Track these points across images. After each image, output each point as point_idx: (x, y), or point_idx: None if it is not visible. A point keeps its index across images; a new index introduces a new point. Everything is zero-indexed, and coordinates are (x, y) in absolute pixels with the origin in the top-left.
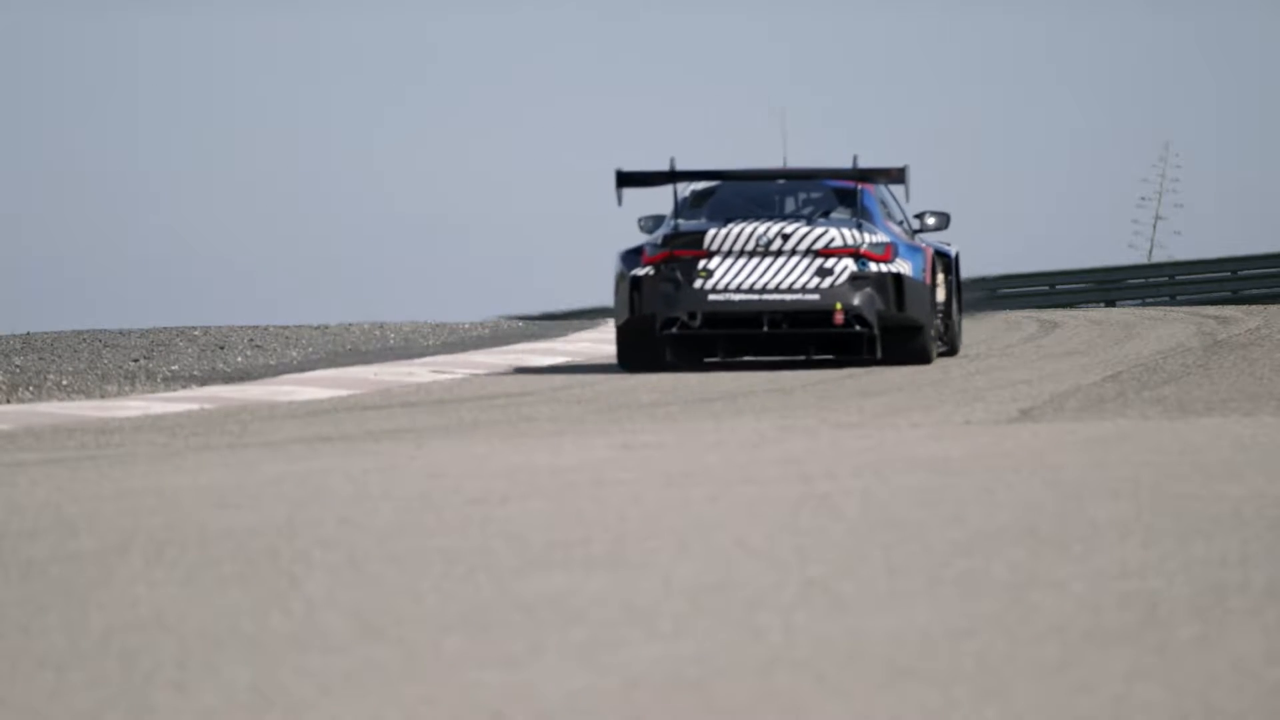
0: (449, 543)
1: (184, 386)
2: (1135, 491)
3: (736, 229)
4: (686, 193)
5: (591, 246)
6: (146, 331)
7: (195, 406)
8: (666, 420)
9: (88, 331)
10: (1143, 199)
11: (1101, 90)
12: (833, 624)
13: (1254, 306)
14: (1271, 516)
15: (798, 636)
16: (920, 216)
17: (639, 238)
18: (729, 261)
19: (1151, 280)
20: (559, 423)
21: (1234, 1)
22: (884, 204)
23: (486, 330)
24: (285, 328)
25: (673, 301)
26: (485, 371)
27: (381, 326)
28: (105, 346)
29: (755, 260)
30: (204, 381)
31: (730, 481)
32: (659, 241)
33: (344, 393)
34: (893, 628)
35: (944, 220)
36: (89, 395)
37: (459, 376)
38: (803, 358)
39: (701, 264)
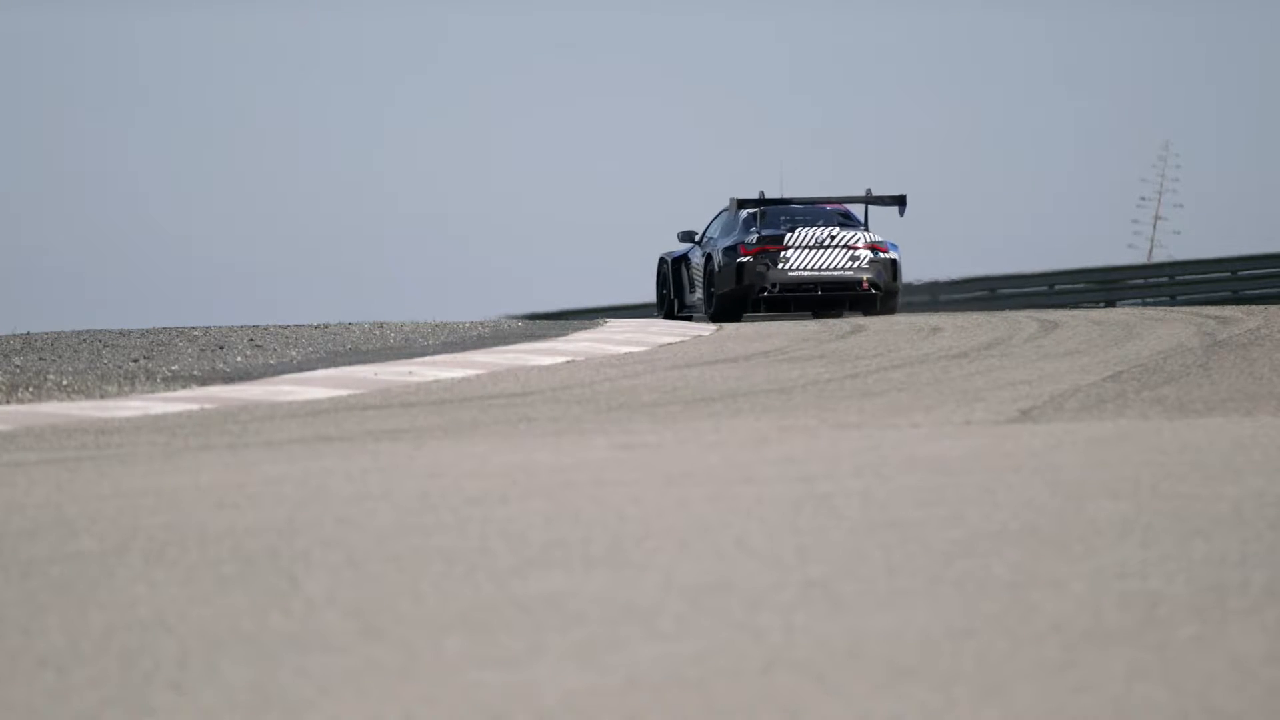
0: (449, 543)
1: (184, 386)
2: (1135, 491)
3: (801, 232)
4: (742, 212)
5: (592, 247)
6: (146, 331)
7: (195, 406)
8: (666, 420)
9: (88, 331)
10: (1143, 199)
11: (1101, 90)
12: (833, 624)
13: (1254, 306)
14: (1271, 516)
15: (798, 636)
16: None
17: (664, 245)
18: (797, 253)
19: (1151, 280)
20: (559, 423)
21: (1234, 1)
22: (865, 218)
23: (487, 330)
24: (285, 328)
25: (764, 277)
26: (485, 371)
27: (381, 326)
28: (105, 346)
29: (813, 252)
30: (204, 381)
31: (730, 481)
32: (753, 241)
33: (344, 393)
34: (893, 628)
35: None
36: (89, 395)
37: (459, 376)
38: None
39: (781, 254)
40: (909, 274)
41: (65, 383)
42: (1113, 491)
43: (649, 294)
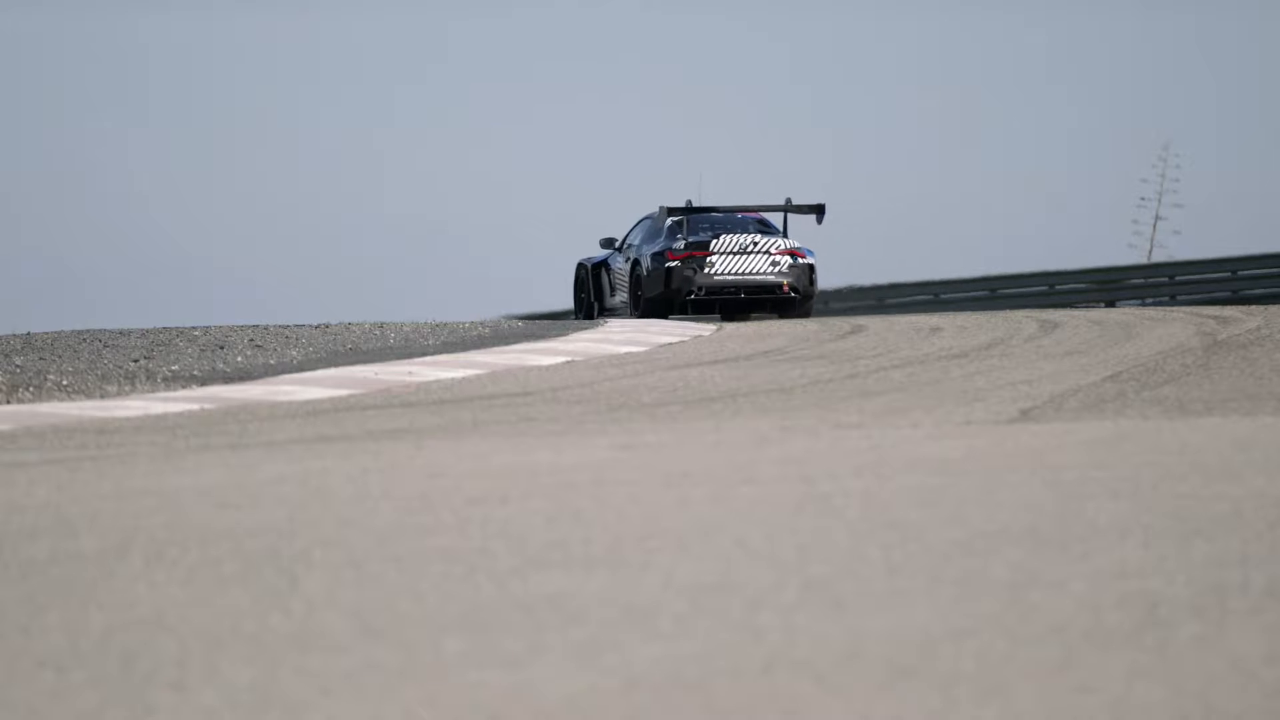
0: (449, 543)
1: (184, 386)
2: (1135, 491)
3: (725, 238)
4: (667, 220)
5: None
6: (146, 331)
7: (195, 406)
8: (666, 420)
9: (88, 331)
10: (1143, 199)
11: (1101, 90)
12: (833, 624)
13: (1254, 306)
14: (1271, 516)
15: (798, 636)
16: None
17: (592, 251)
18: (721, 258)
19: (1151, 280)
20: (559, 423)
21: (1234, 1)
22: (784, 226)
23: (487, 330)
24: (285, 328)
25: (691, 281)
26: (485, 371)
27: (381, 326)
28: (105, 346)
29: (736, 257)
30: (204, 381)
31: (730, 481)
32: (680, 247)
33: (344, 392)
34: (893, 628)
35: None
36: (89, 395)
37: (459, 376)
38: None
39: (707, 259)
40: (909, 275)
41: (65, 383)
42: (1113, 491)
43: None
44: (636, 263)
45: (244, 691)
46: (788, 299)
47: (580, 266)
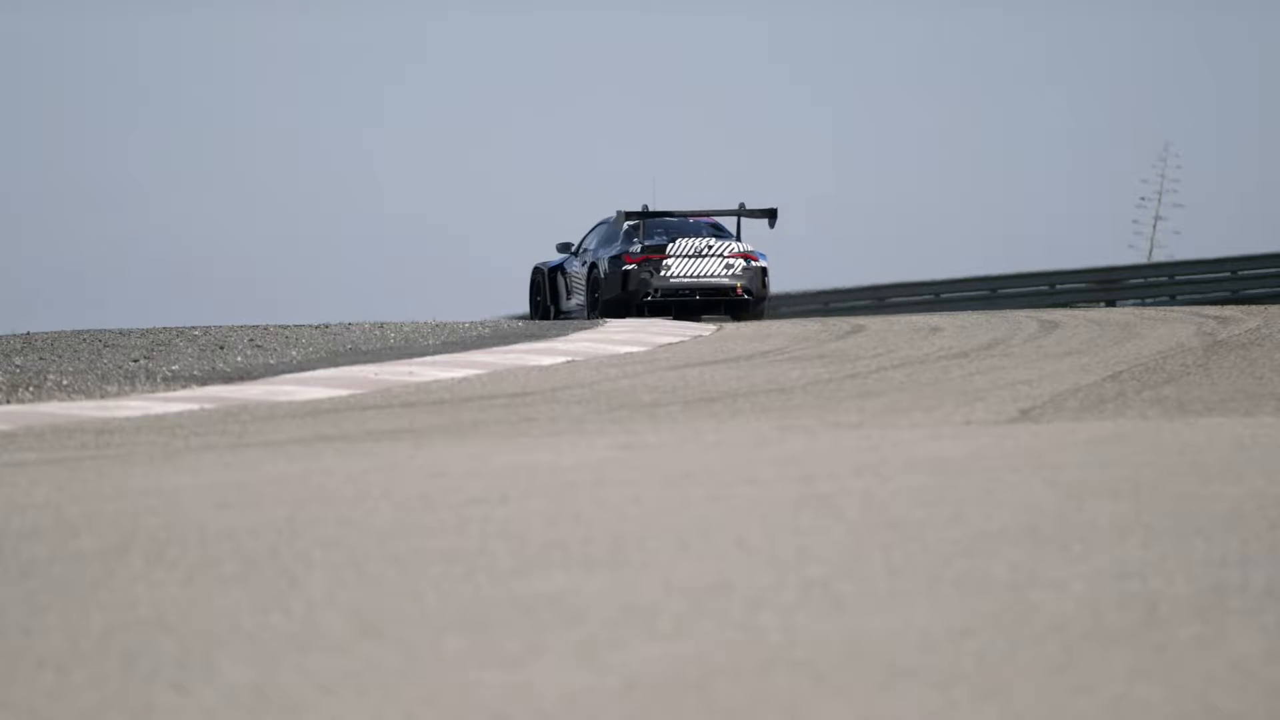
0: (449, 543)
1: (184, 386)
2: (1135, 491)
3: (680, 242)
4: (624, 224)
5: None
6: (146, 331)
7: (195, 406)
8: (666, 420)
9: (88, 331)
10: (1143, 199)
11: (1101, 90)
12: (832, 624)
13: (1254, 306)
14: (1271, 516)
15: (798, 636)
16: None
17: (550, 255)
18: (677, 261)
19: (1151, 280)
20: (559, 423)
21: (1234, 1)
22: (736, 230)
23: (487, 330)
24: (285, 328)
25: (647, 283)
26: (485, 371)
27: (381, 326)
28: (105, 346)
29: (692, 260)
30: (204, 381)
31: (730, 482)
32: (637, 251)
33: (344, 392)
34: (893, 628)
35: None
36: (89, 395)
37: (459, 376)
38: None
39: (664, 262)
40: (909, 275)
41: (65, 383)
42: (1113, 491)
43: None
44: (594, 266)
45: (244, 691)
46: (741, 300)
47: (536, 270)
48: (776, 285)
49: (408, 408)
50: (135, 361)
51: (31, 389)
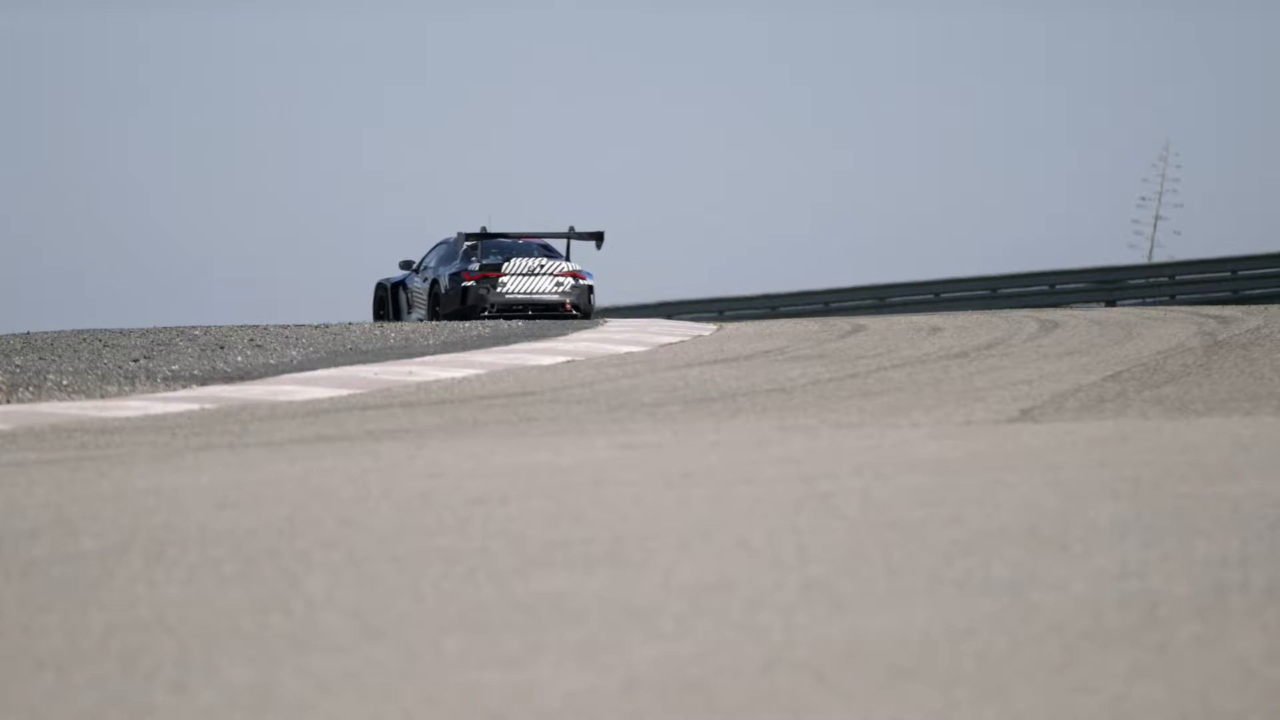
0: (449, 543)
1: (184, 386)
2: (1135, 491)
3: (515, 261)
4: (464, 244)
5: (592, 246)
6: (146, 331)
7: (195, 406)
8: (666, 420)
9: (88, 331)
10: (1143, 199)
11: (1101, 90)
12: (833, 624)
13: (1254, 306)
14: (1271, 516)
15: (798, 636)
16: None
17: (391, 272)
18: (512, 279)
19: (1151, 280)
20: (559, 423)
21: (1234, 1)
22: (566, 250)
23: (487, 330)
24: (285, 328)
25: (484, 299)
26: (485, 371)
27: (382, 326)
28: (105, 346)
29: (525, 278)
30: (204, 381)
31: (730, 481)
32: (475, 268)
33: (344, 392)
34: (893, 628)
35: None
36: (89, 395)
37: (459, 376)
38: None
39: (500, 280)
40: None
41: (65, 383)
42: (1113, 491)
43: (648, 294)
44: (435, 282)
45: (244, 691)
46: (570, 315)
47: (380, 286)
48: (778, 285)
49: (408, 408)
50: (135, 361)
51: (31, 389)
